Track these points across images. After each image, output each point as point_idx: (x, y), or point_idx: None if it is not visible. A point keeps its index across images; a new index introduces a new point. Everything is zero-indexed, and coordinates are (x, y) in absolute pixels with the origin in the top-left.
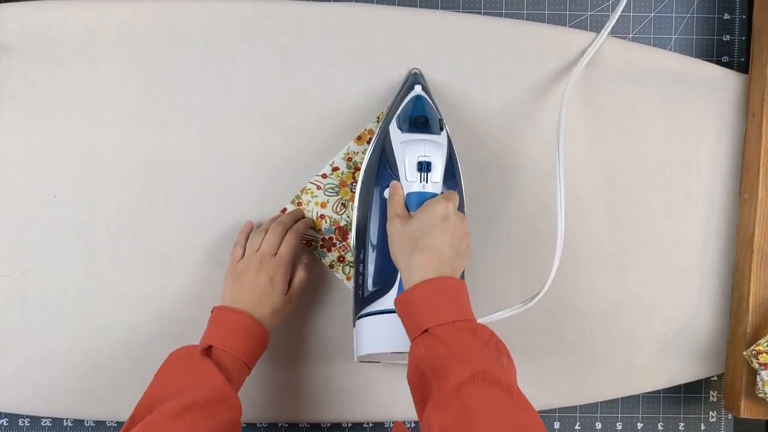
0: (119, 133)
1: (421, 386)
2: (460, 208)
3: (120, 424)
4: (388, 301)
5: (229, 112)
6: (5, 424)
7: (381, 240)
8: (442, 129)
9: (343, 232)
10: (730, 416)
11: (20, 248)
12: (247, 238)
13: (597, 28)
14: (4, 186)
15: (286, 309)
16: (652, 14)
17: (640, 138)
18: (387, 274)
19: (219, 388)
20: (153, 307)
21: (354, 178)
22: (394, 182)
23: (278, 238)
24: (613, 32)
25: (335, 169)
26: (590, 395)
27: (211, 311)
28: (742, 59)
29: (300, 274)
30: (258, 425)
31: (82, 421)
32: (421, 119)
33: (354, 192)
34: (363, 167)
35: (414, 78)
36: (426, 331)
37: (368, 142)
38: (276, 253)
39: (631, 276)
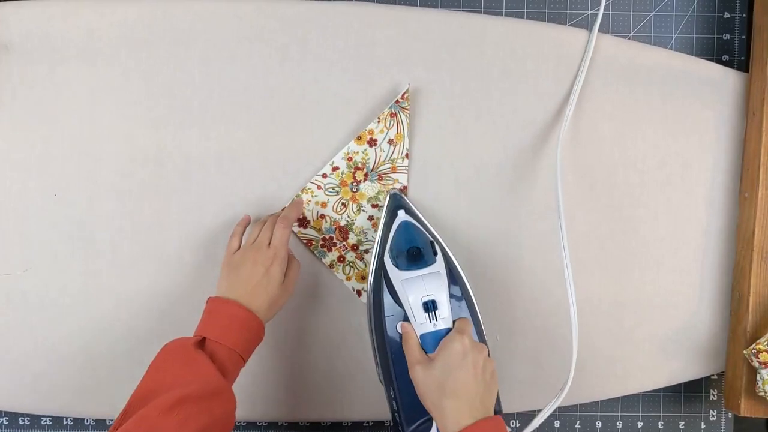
0: (119, 132)
1: None
2: (476, 326)
3: None
4: None
5: (229, 112)
6: (5, 422)
7: (406, 378)
8: (436, 253)
9: (344, 231)
10: (730, 415)
11: (20, 247)
12: (244, 231)
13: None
14: (4, 185)
15: (282, 299)
16: (653, 13)
17: (640, 137)
18: (419, 410)
19: (213, 381)
20: (152, 305)
21: (354, 177)
22: (404, 325)
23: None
24: (614, 31)
25: (335, 168)
26: (590, 394)
27: (206, 302)
28: (743, 58)
29: (295, 263)
30: (258, 424)
31: (82, 419)
32: (413, 251)
33: (354, 192)
34: (368, 301)
35: (395, 201)
36: None
37: (368, 143)
38: (273, 243)
39: (631, 275)
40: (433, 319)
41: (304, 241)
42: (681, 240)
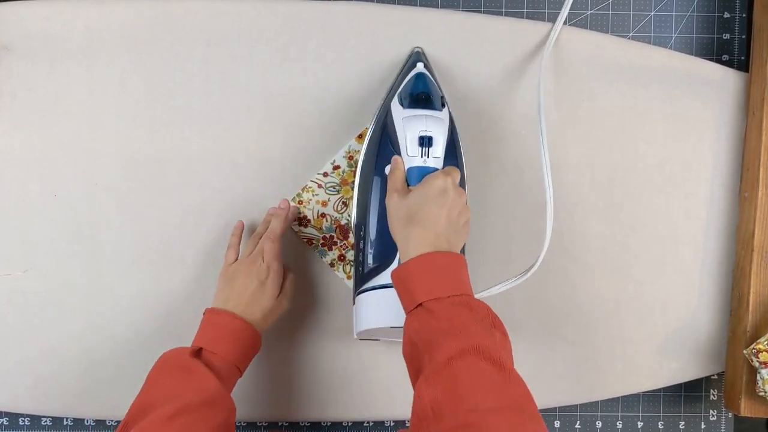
0: (119, 132)
1: (415, 360)
2: (462, 184)
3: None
4: (386, 275)
5: (229, 112)
6: (5, 423)
7: (381, 216)
8: (444, 105)
9: (344, 230)
10: (730, 415)
11: (20, 247)
12: (240, 240)
13: (597, 26)
14: (4, 185)
15: (277, 311)
16: (652, 13)
17: (640, 137)
18: (387, 250)
19: (211, 389)
20: (153, 306)
21: (355, 176)
22: (395, 157)
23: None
24: (614, 31)
25: (336, 167)
26: (590, 394)
27: (203, 313)
28: (742, 58)
29: (291, 276)
30: (258, 424)
31: (83, 420)
32: (422, 95)
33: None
34: (364, 145)
35: (416, 56)
36: (420, 305)
37: None
38: (265, 258)
39: (631, 275)
40: (425, 155)
41: (305, 240)
42: (681, 240)
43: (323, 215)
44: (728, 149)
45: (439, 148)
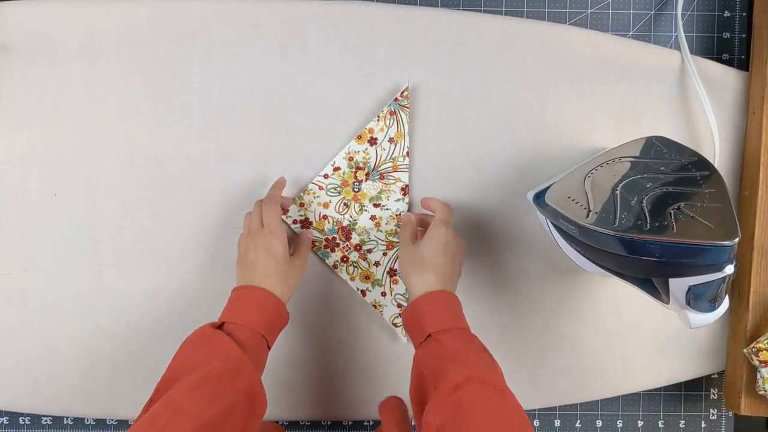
0: (119, 132)
1: (421, 393)
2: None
3: (120, 422)
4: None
5: (229, 112)
6: (5, 422)
7: None
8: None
9: (346, 232)
10: (730, 413)
11: (20, 247)
12: None
13: (597, 25)
14: (4, 185)
15: (295, 273)
16: (652, 12)
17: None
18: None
19: (233, 355)
20: (153, 305)
21: (356, 177)
22: (407, 214)
23: (260, 210)
24: (614, 30)
25: (336, 168)
26: (591, 393)
27: (231, 292)
28: (743, 57)
29: (302, 237)
30: None
31: (83, 419)
32: (719, 296)
33: (356, 192)
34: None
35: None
36: (429, 336)
37: (369, 141)
38: (264, 223)
39: None
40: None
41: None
42: None
43: (325, 217)
44: (728, 148)
45: None
